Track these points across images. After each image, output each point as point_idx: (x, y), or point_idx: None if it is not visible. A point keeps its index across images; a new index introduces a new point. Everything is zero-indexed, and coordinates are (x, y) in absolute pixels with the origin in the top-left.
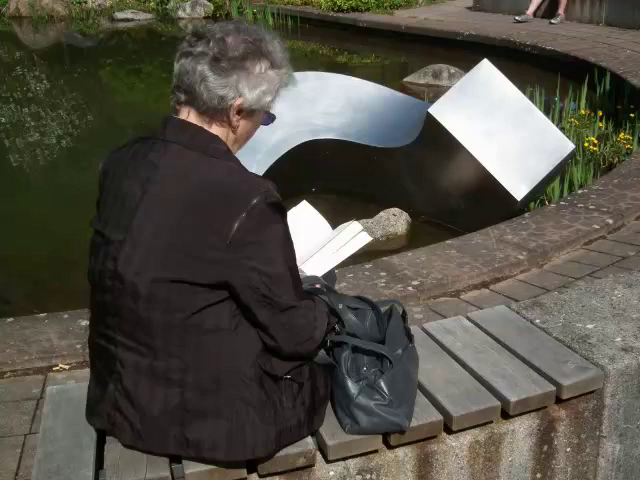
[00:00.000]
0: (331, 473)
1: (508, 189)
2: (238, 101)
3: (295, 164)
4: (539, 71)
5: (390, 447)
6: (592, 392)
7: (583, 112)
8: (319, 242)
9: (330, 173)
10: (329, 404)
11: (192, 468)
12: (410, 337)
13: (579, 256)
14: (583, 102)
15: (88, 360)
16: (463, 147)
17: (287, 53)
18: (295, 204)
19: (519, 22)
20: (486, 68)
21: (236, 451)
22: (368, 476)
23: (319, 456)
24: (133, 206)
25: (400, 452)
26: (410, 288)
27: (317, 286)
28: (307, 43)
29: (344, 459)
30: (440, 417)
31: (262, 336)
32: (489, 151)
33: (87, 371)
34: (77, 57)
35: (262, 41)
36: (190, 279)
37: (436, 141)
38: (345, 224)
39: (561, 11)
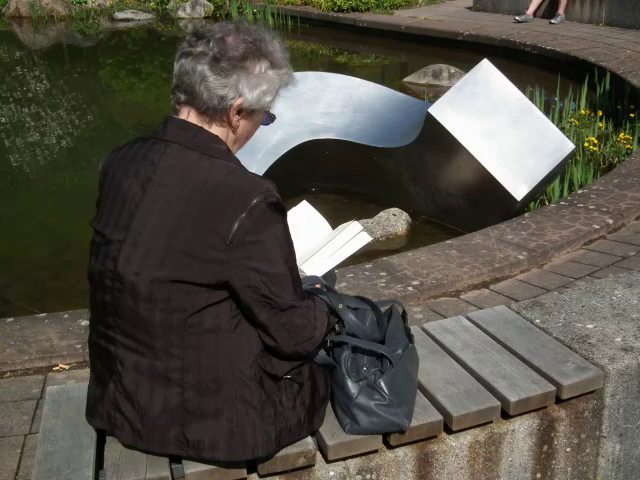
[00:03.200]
0: (331, 473)
1: (508, 189)
2: (238, 101)
3: (295, 164)
4: (539, 71)
5: (390, 447)
6: (592, 392)
7: (583, 112)
8: (319, 242)
9: (330, 173)
10: (329, 404)
11: (192, 468)
12: (410, 337)
13: (579, 256)
14: (583, 102)
15: (88, 360)
16: (463, 147)
17: (287, 53)
18: (295, 204)
19: (519, 22)
20: (486, 68)
21: (236, 451)
22: (368, 476)
23: (319, 456)
24: (133, 206)
25: (400, 452)
26: (410, 288)
27: (317, 286)
28: (307, 43)
29: (344, 459)
30: (440, 417)
31: (262, 336)
32: (489, 151)
33: (87, 371)
34: (77, 57)
35: (262, 41)
36: (190, 279)
37: (436, 141)
38: (345, 224)
39: (561, 11)
